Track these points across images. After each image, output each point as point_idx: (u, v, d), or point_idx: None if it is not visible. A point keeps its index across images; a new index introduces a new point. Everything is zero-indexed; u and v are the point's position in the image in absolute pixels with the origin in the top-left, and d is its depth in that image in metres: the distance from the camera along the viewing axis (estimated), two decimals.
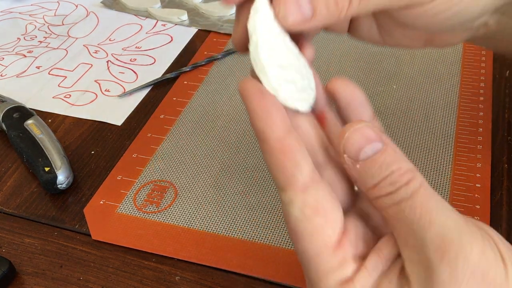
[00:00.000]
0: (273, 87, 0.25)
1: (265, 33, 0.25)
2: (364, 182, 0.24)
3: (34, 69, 0.61)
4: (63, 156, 0.46)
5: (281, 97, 0.25)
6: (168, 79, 0.57)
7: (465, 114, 0.48)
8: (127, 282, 0.38)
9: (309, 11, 0.25)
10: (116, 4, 0.72)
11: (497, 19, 0.32)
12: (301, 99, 0.26)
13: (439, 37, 0.33)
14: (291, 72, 0.26)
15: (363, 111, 0.27)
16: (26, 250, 0.41)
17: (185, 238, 0.41)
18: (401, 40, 0.34)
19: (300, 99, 0.26)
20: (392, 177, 0.23)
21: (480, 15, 0.30)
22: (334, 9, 0.26)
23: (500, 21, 0.32)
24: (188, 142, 0.49)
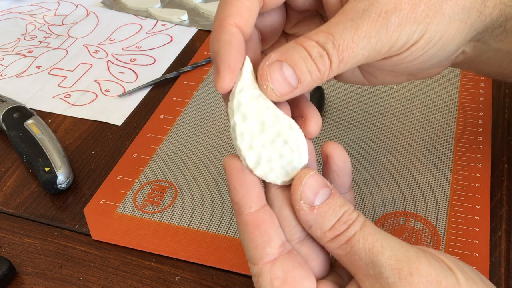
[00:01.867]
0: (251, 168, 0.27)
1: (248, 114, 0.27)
2: (321, 226, 0.26)
3: (34, 69, 0.61)
4: (63, 156, 0.46)
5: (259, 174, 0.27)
6: (168, 79, 0.57)
7: (465, 114, 0.49)
8: (127, 282, 0.38)
9: (295, 81, 0.26)
10: (116, 4, 0.72)
11: (472, 46, 0.33)
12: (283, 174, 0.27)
13: (421, 72, 0.34)
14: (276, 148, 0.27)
15: (347, 180, 0.30)
16: (26, 250, 0.41)
17: (185, 238, 0.41)
18: (384, 79, 0.35)
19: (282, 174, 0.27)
20: (344, 217, 0.26)
21: (456, 50, 0.31)
22: (317, 75, 0.26)
23: (476, 47, 0.33)
24: (188, 142, 0.49)
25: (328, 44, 0.26)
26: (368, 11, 0.27)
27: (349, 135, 0.48)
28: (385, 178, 0.43)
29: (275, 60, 0.26)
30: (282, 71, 0.26)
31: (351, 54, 0.26)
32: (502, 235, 0.39)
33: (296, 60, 0.26)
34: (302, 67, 0.26)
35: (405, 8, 0.27)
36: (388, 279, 0.24)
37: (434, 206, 0.41)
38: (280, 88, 0.26)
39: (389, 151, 0.46)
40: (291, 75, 0.26)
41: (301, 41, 0.27)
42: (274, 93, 0.26)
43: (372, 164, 0.45)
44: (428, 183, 0.43)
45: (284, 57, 0.26)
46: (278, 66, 0.26)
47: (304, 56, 0.26)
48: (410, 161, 0.45)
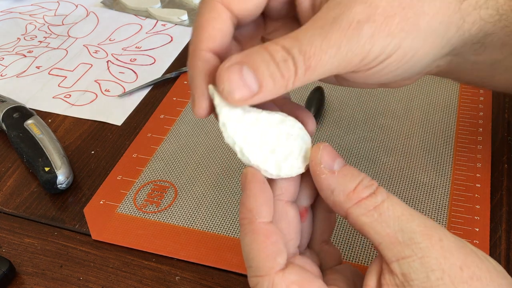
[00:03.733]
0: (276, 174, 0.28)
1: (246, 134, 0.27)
2: (344, 188, 0.26)
3: (34, 69, 0.61)
4: (63, 156, 0.46)
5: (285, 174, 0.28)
6: (168, 79, 0.57)
7: (465, 114, 0.49)
8: (127, 282, 0.38)
9: (255, 86, 0.25)
10: (116, 4, 0.72)
11: (449, 60, 0.31)
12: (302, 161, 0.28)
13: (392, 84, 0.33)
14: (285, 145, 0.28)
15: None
16: (26, 250, 0.41)
17: (185, 238, 0.41)
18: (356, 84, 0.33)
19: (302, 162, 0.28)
20: (365, 182, 0.26)
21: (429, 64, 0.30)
22: (280, 82, 0.25)
23: (452, 61, 0.32)
24: (188, 142, 0.49)
25: (294, 49, 0.25)
26: (339, 19, 0.25)
27: (349, 135, 0.48)
28: (385, 178, 0.43)
29: (235, 62, 0.25)
30: (242, 74, 0.24)
31: (318, 62, 0.25)
32: (502, 235, 0.39)
33: (258, 63, 0.25)
34: (264, 71, 0.24)
35: (379, 20, 0.26)
36: (420, 244, 0.24)
37: (434, 206, 0.41)
38: (238, 92, 0.24)
39: (389, 151, 0.46)
40: (251, 79, 0.24)
41: (266, 45, 0.25)
42: (231, 96, 0.25)
43: (372, 164, 0.45)
44: (428, 183, 0.43)
45: (246, 59, 0.25)
46: (237, 69, 0.24)
47: (267, 59, 0.25)
48: (410, 161, 0.45)
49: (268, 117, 0.28)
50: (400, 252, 0.25)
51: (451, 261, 0.24)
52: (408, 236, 0.25)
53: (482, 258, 0.25)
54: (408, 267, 0.24)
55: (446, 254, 0.24)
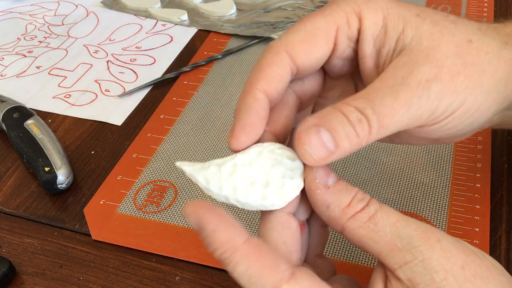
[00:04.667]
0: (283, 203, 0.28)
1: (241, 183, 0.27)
2: (339, 204, 0.26)
3: (34, 69, 0.61)
4: (63, 156, 0.46)
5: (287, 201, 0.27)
6: (168, 79, 0.57)
7: None
8: (127, 282, 0.38)
9: (333, 147, 0.26)
10: (116, 4, 0.72)
11: (502, 114, 0.32)
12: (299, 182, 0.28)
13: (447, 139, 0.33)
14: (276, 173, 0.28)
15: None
16: (26, 250, 0.41)
17: (185, 238, 0.41)
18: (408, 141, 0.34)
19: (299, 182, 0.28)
20: (358, 196, 0.27)
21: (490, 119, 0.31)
22: (356, 141, 0.26)
23: (505, 115, 0.32)
24: (188, 142, 0.49)
25: (367, 109, 0.26)
26: (408, 79, 0.27)
27: None
28: (385, 178, 0.43)
29: (313, 125, 0.26)
30: (320, 135, 0.26)
31: (391, 121, 0.26)
32: (502, 235, 0.39)
33: (334, 125, 0.26)
34: (340, 132, 0.26)
35: (445, 78, 0.27)
36: (419, 247, 0.25)
37: (434, 206, 0.41)
38: (317, 152, 0.26)
39: (389, 151, 0.46)
40: (328, 140, 0.26)
41: (339, 107, 0.26)
42: (311, 157, 0.26)
43: (372, 164, 0.45)
44: (428, 183, 0.43)
45: (322, 121, 0.26)
46: (315, 131, 0.26)
47: (342, 121, 0.26)
48: (410, 161, 0.45)
49: (243, 157, 0.28)
50: (401, 258, 0.25)
51: (453, 261, 0.24)
52: (407, 241, 0.25)
53: (481, 257, 0.25)
54: (412, 271, 0.24)
55: (446, 255, 0.24)
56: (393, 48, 0.29)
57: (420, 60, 0.27)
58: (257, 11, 0.66)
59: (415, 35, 0.28)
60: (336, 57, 0.30)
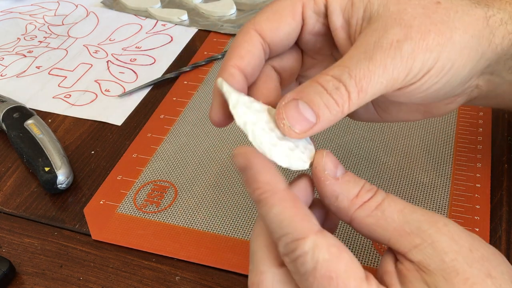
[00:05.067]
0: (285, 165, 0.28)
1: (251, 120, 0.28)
2: (348, 194, 0.27)
3: (34, 69, 0.61)
4: (63, 156, 0.46)
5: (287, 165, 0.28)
6: (168, 79, 0.57)
7: (465, 114, 0.49)
8: (127, 282, 0.38)
9: (313, 118, 0.27)
10: (116, 4, 0.72)
11: (487, 79, 0.33)
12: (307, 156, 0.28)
13: (436, 106, 0.34)
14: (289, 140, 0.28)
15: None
16: (26, 250, 0.41)
17: (185, 238, 0.41)
18: (399, 115, 0.35)
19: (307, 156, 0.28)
20: (366, 186, 0.27)
21: (468, 78, 0.31)
22: (336, 109, 0.27)
23: (490, 80, 0.33)
24: (188, 142, 0.49)
25: (343, 75, 0.27)
26: (380, 42, 0.28)
27: (349, 135, 0.48)
28: (385, 178, 0.43)
29: (291, 99, 0.27)
30: (298, 108, 0.27)
31: (369, 83, 0.27)
32: (502, 235, 0.39)
33: (311, 96, 0.27)
34: (319, 102, 0.27)
35: (416, 37, 0.28)
36: (428, 231, 0.25)
37: (434, 206, 0.41)
38: (298, 125, 0.27)
39: (389, 151, 0.46)
40: (308, 112, 0.27)
41: (316, 78, 0.27)
42: (292, 130, 0.27)
43: (372, 164, 0.45)
44: (428, 183, 0.43)
45: (300, 95, 0.27)
46: (294, 104, 0.27)
47: (320, 91, 0.27)
48: (410, 161, 0.45)
49: (272, 110, 0.29)
50: (411, 242, 0.25)
51: (460, 243, 0.25)
52: (415, 226, 0.25)
53: (485, 243, 0.26)
54: (422, 254, 0.25)
55: (454, 237, 0.25)
56: (361, 17, 0.30)
57: (389, 24, 0.28)
58: (257, 11, 0.66)
59: (381, 2, 0.29)
60: (307, 33, 0.32)
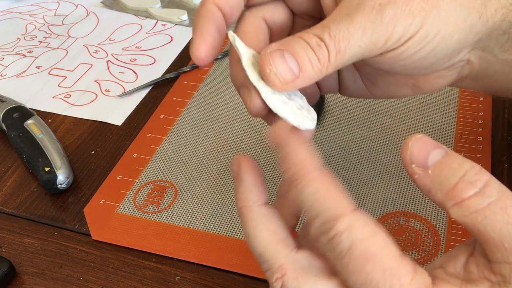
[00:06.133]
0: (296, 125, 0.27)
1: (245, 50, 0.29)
2: (440, 188, 0.24)
3: (34, 69, 0.61)
4: (63, 156, 0.46)
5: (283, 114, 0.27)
6: (168, 79, 0.57)
7: (465, 114, 0.49)
8: (127, 282, 0.38)
9: (297, 70, 0.27)
10: (116, 4, 0.72)
11: (478, 56, 0.32)
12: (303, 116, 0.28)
13: (424, 81, 0.34)
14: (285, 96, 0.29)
15: None
16: (26, 250, 0.41)
17: (185, 238, 0.41)
18: (387, 89, 0.35)
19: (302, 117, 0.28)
20: (468, 176, 0.23)
21: (457, 51, 0.31)
22: (317, 65, 0.27)
23: (482, 57, 0.32)
24: (188, 142, 0.49)
25: (324, 34, 0.27)
26: (362, 4, 0.27)
27: (349, 135, 0.48)
28: (385, 178, 0.43)
29: (276, 49, 0.27)
30: (284, 58, 0.27)
31: (347, 45, 0.27)
32: None
33: (297, 49, 0.27)
34: (303, 55, 0.27)
35: (400, 1, 0.27)
36: None
37: (434, 206, 0.41)
38: (283, 73, 0.27)
39: (389, 151, 0.46)
40: (293, 63, 0.27)
41: (299, 34, 0.27)
42: (277, 78, 0.27)
43: (372, 164, 0.45)
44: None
45: (285, 46, 0.27)
46: (279, 53, 0.27)
47: (304, 46, 0.27)
48: None
49: None
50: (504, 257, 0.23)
51: None
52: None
53: None
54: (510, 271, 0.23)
55: None
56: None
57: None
58: None
59: None
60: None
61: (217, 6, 0.30)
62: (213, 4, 0.30)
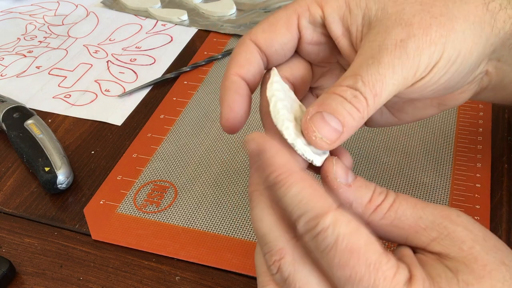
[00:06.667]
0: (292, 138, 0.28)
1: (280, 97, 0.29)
2: (361, 201, 0.27)
3: (34, 69, 0.61)
4: (63, 156, 0.46)
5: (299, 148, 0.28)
6: (168, 79, 0.57)
7: (465, 114, 0.49)
8: (127, 282, 0.38)
9: (339, 126, 0.27)
10: (116, 4, 0.72)
11: (494, 66, 0.33)
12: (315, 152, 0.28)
13: (450, 98, 0.35)
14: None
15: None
16: (26, 250, 0.41)
17: (185, 238, 0.41)
18: (415, 113, 0.36)
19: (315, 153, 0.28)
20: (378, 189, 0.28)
21: (477, 65, 0.32)
22: (358, 115, 0.28)
23: (498, 68, 0.34)
24: (188, 142, 0.49)
25: (358, 83, 0.27)
26: (384, 44, 0.28)
27: None
28: (385, 178, 0.43)
29: (315, 112, 0.28)
30: (325, 119, 0.27)
31: (382, 86, 0.28)
32: (502, 235, 0.39)
33: (334, 106, 0.27)
34: (342, 111, 0.27)
35: (419, 33, 0.28)
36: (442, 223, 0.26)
37: None
38: (328, 135, 0.27)
39: (389, 151, 0.46)
40: (334, 121, 0.27)
41: (333, 90, 0.28)
42: (324, 141, 0.27)
43: (372, 164, 0.45)
44: (428, 183, 0.43)
45: (322, 107, 0.28)
46: (319, 116, 0.27)
47: (341, 101, 0.27)
48: (410, 161, 0.45)
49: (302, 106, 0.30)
50: (428, 236, 0.26)
51: (475, 232, 0.25)
52: (429, 220, 0.26)
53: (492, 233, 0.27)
54: (441, 246, 0.25)
55: (468, 227, 0.26)
56: (361, 24, 0.31)
57: (390, 26, 0.29)
58: (257, 11, 0.66)
59: (378, 6, 0.30)
60: (307, 43, 0.33)
61: (239, 76, 0.32)
62: (235, 75, 0.32)
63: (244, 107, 0.31)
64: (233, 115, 0.31)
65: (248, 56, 0.32)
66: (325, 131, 0.27)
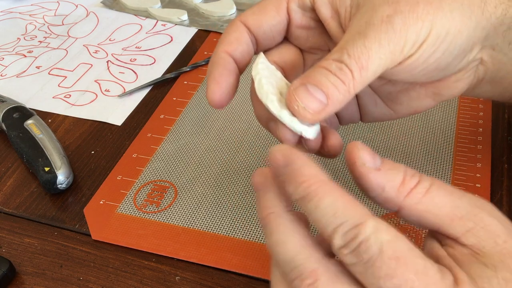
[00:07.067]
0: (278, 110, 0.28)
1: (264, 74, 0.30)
2: (393, 184, 0.26)
3: (34, 69, 0.61)
4: (63, 156, 0.46)
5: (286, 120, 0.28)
6: (168, 79, 0.57)
7: (465, 114, 0.49)
8: (127, 282, 0.38)
9: (324, 98, 0.27)
10: (116, 4, 0.72)
11: (489, 55, 0.33)
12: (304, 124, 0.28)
13: (444, 86, 0.34)
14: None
15: None
16: (26, 250, 0.41)
17: (185, 238, 0.41)
18: (410, 104, 0.35)
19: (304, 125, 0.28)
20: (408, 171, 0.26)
21: (469, 47, 0.32)
22: (343, 88, 0.27)
23: (493, 57, 0.33)
24: (188, 142, 0.49)
25: (343, 56, 0.28)
26: (371, 21, 0.29)
27: (349, 135, 0.48)
28: None
29: (299, 84, 0.28)
30: (308, 90, 0.27)
31: (368, 59, 0.28)
32: None
33: (319, 78, 0.27)
34: (326, 83, 0.27)
35: (405, 10, 0.29)
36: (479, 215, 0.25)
37: None
38: (311, 105, 0.27)
39: (389, 151, 0.46)
40: (318, 93, 0.27)
41: (318, 64, 0.29)
42: (307, 111, 0.27)
43: None
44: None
45: (307, 79, 0.28)
46: (303, 88, 0.27)
47: (325, 73, 0.28)
48: (410, 161, 0.45)
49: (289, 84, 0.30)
50: (463, 226, 0.25)
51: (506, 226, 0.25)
52: (466, 210, 0.25)
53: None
54: (476, 237, 0.25)
55: (501, 221, 0.25)
56: (349, 5, 0.31)
57: (377, 4, 0.29)
58: None
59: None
60: (296, 27, 0.34)
61: (228, 53, 0.32)
62: (224, 52, 0.32)
63: (230, 82, 0.32)
64: (219, 89, 0.31)
65: (237, 35, 0.33)
66: (308, 101, 0.27)
